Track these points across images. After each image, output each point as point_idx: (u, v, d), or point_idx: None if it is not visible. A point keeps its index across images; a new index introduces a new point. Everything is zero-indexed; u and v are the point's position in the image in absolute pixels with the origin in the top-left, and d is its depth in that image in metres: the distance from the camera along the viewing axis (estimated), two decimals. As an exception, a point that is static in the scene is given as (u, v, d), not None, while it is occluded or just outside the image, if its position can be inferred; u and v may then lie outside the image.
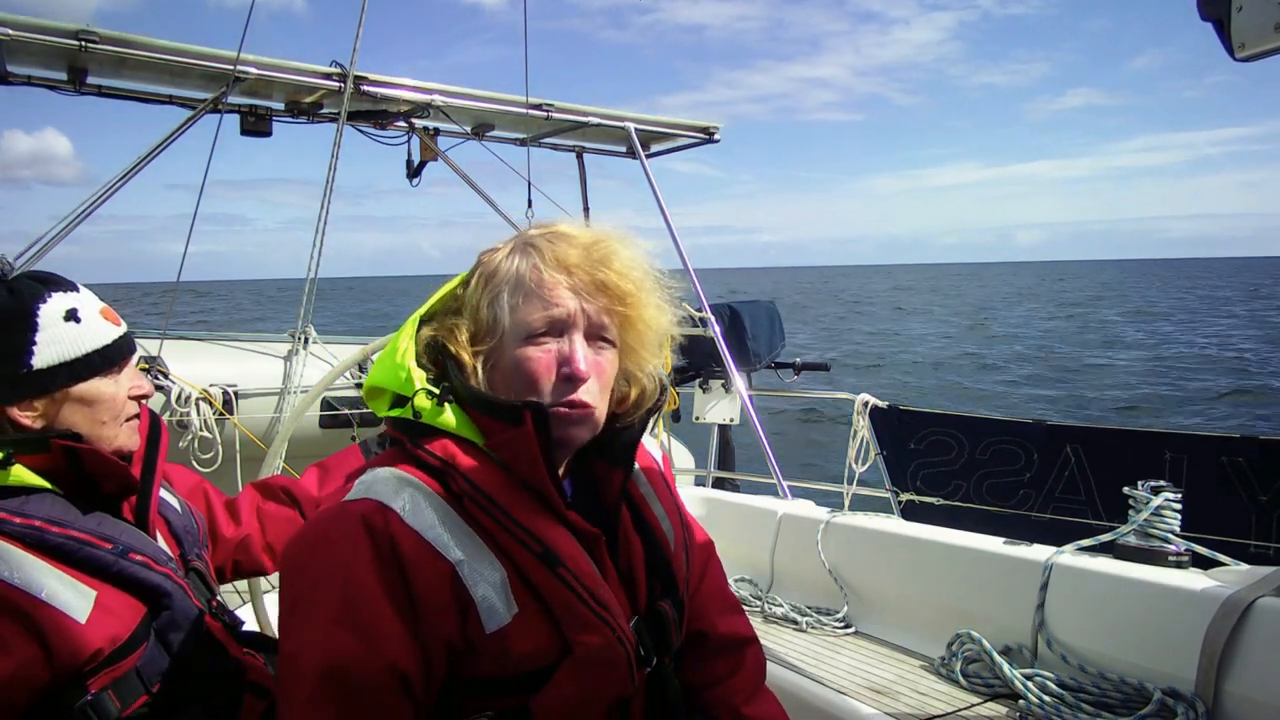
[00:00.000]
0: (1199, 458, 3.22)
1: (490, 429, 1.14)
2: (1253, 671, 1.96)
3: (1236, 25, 1.18)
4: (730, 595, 1.50)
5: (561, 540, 1.13)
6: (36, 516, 1.31)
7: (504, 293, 1.18)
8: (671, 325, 1.26)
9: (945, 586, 2.68)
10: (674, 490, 1.39)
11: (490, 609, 1.09)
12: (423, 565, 1.07)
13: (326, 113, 4.34)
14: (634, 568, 1.25)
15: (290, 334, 4.26)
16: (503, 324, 1.17)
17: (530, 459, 1.12)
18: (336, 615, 1.04)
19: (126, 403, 1.49)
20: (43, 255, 3.57)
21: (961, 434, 3.96)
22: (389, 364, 1.20)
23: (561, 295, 1.16)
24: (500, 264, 1.20)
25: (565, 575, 1.11)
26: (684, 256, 5.07)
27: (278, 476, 2.03)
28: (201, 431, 3.76)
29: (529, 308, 1.16)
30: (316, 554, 1.09)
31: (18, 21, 3.29)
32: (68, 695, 1.28)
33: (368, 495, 1.11)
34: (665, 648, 1.25)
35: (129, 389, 1.49)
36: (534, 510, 1.13)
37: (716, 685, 1.37)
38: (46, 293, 1.42)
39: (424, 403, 1.15)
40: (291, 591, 1.10)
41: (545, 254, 1.17)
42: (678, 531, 1.33)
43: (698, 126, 5.28)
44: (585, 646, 1.12)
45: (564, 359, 1.15)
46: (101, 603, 1.32)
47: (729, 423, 4.94)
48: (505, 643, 1.09)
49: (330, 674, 1.03)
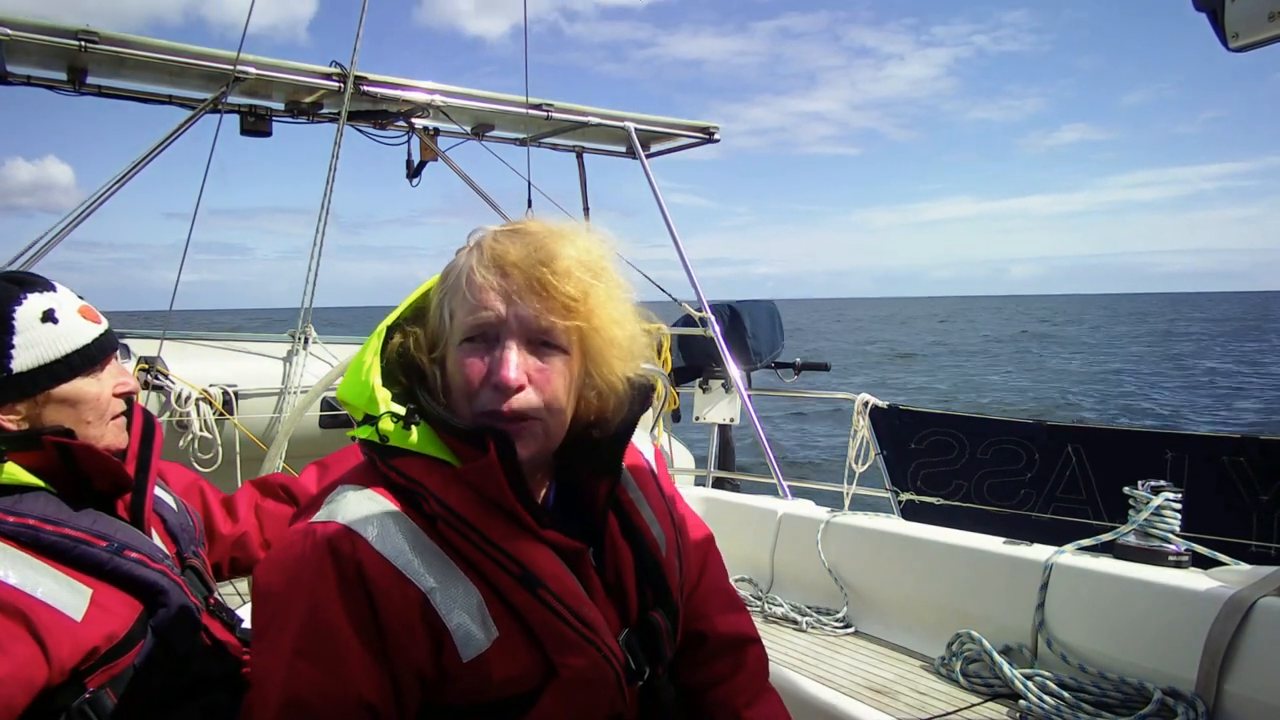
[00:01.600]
0: (1199, 458, 3.22)
1: (459, 451, 1.09)
2: (1253, 671, 1.96)
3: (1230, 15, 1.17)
4: (732, 592, 1.45)
5: (541, 559, 1.09)
6: (30, 515, 1.30)
7: (447, 294, 1.12)
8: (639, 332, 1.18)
9: (945, 586, 2.67)
10: (666, 490, 1.34)
11: (467, 636, 1.05)
12: (392, 593, 1.02)
13: (326, 113, 4.34)
14: (623, 578, 1.20)
15: (290, 334, 4.26)
16: (446, 327, 1.12)
17: (497, 486, 1.06)
18: (300, 644, 1.01)
19: (111, 401, 1.46)
20: (40, 258, 3.57)
21: (962, 434, 3.95)
22: (354, 380, 1.14)
23: (489, 298, 1.07)
24: (454, 263, 1.15)
25: (545, 596, 1.07)
26: (684, 256, 5.07)
27: (276, 474, 2.02)
28: (201, 432, 3.77)
29: (462, 311, 1.09)
30: (282, 578, 1.06)
31: (18, 21, 3.28)
32: (65, 694, 1.27)
33: (334, 518, 1.06)
34: (658, 659, 1.21)
35: (113, 387, 1.47)
36: (510, 530, 1.08)
37: (717, 686, 1.33)
38: (22, 294, 1.39)
39: (388, 426, 1.08)
40: (260, 615, 1.08)
41: (485, 252, 1.10)
42: (669, 535, 1.28)
43: (697, 126, 5.28)
44: (570, 668, 1.08)
45: (493, 366, 1.08)
46: (97, 601, 1.31)
47: (729, 423, 4.93)
48: (485, 669, 1.05)
49: (292, 705, 1.00)
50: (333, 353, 4.21)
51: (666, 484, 1.37)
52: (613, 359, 1.16)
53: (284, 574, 1.06)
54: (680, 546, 1.30)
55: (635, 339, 1.18)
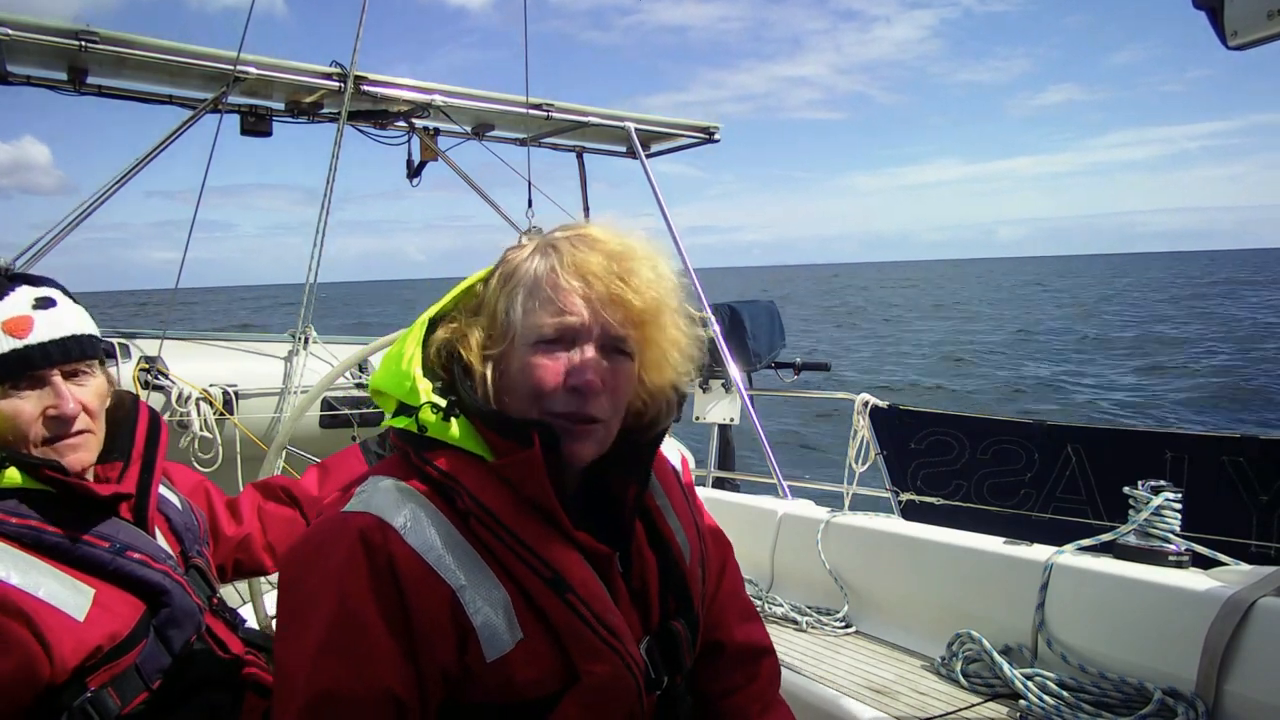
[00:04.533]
0: (1199, 458, 3.22)
1: (498, 446, 1.09)
2: (1253, 671, 1.96)
3: (1229, 13, 1.17)
4: (747, 601, 1.46)
5: (571, 563, 1.09)
6: (32, 516, 1.31)
7: (519, 294, 1.13)
8: (694, 343, 1.22)
9: (945, 586, 2.68)
10: (693, 498, 1.35)
11: (492, 636, 1.04)
12: (422, 588, 1.02)
13: (327, 113, 4.34)
14: (648, 585, 1.21)
15: (290, 334, 4.26)
16: (515, 327, 1.12)
17: (538, 482, 1.07)
18: (329, 635, 1.01)
19: (34, 424, 1.35)
20: (40, 258, 3.57)
21: (962, 434, 3.96)
22: (394, 369, 1.15)
23: (575, 303, 1.10)
24: (521, 263, 1.15)
25: (574, 601, 1.07)
26: (684, 256, 5.07)
27: (278, 477, 2.03)
28: (202, 431, 3.76)
29: (542, 312, 1.10)
30: (313, 567, 1.05)
31: (18, 21, 3.28)
32: (68, 693, 1.28)
33: (368, 509, 1.06)
34: (677, 667, 1.22)
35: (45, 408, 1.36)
36: (542, 532, 1.08)
37: (731, 695, 1.35)
38: None
39: (429, 417, 1.09)
40: (288, 602, 1.07)
41: (565, 257, 1.12)
42: (694, 545, 1.28)
43: (698, 126, 5.28)
44: (593, 674, 1.08)
45: (573, 369, 1.10)
46: (100, 600, 1.32)
47: (729, 423, 4.93)
48: (508, 670, 1.05)
49: (321, 696, 1.00)
50: (333, 352, 4.21)
51: (692, 492, 1.38)
52: (667, 367, 1.20)
53: (313, 564, 1.05)
54: (704, 556, 1.31)
55: (686, 348, 1.21)
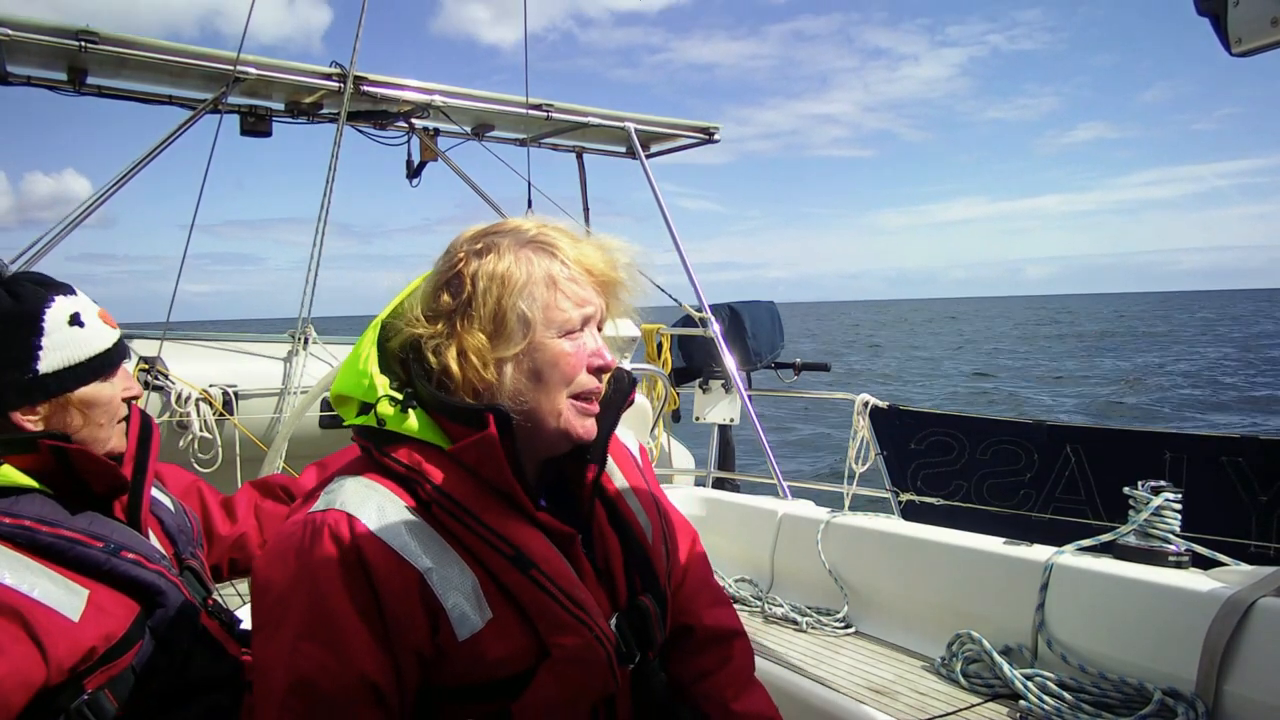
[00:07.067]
0: (1199, 458, 3.21)
1: (455, 433, 1.13)
2: (1253, 672, 1.96)
3: (1233, 20, 1.17)
4: (717, 587, 1.49)
5: (533, 541, 1.13)
6: (27, 516, 1.31)
7: (534, 292, 1.17)
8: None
9: (945, 586, 2.67)
10: (651, 481, 1.39)
11: (461, 616, 1.08)
12: (390, 574, 1.06)
13: (326, 113, 4.34)
14: (612, 564, 1.25)
15: (290, 334, 4.26)
16: (535, 323, 1.16)
17: (495, 462, 1.11)
18: (304, 627, 1.04)
19: (120, 405, 1.49)
20: (42, 256, 3.58)
21: (962, 434, 3.95)
22: (351, 370, 1.20)
23: (591, 296, 1.21)
24: (510, 266, 1.17)
25: (538, 577, 1.11)
26: (684, 257, 5.07)
27: (277, 475, 2.02)
28: (201, 432, 3.76)
29: (569, 307, 1.18)
30: (283, 568, 1.08)
31: (18, 21, 3.28)
32: (64, 695, 1.27)
33: (332, 506, 1.10)
34: (648, 643, 1.25)
35: (122, 391, 1.49)
36: (504, 513, 1.12)
37: (705, 679, 1.37)
38: (50, 296, 1.42)
39: (387, 409, 1.14)
40: (261, 606, 1.10)
41: (569, 253, 1.20)
42: (655, 524, 1.33)
43: (698, 126, 5.28)
44: (563, 648, 1.12)
45: (593, 352, 1.20)
46: (95, 601, 1.31)
47: (729, 423, 4.93)
48: (479, 649, 1.09)
49: (299, 687, 1.03)
50: (333, 353, 4.21)
51: (651, 477, 1.42)
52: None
53: (284, 564, 1.08)
54: (666, 534, 1.34)
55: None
